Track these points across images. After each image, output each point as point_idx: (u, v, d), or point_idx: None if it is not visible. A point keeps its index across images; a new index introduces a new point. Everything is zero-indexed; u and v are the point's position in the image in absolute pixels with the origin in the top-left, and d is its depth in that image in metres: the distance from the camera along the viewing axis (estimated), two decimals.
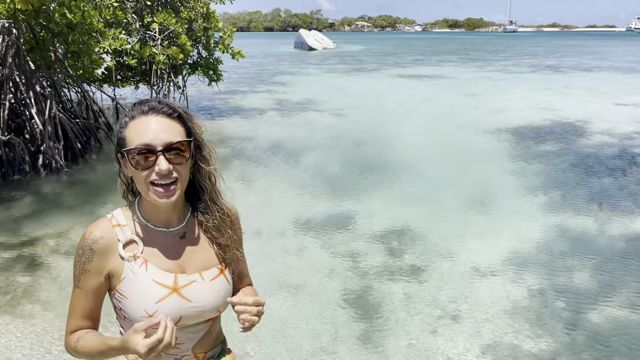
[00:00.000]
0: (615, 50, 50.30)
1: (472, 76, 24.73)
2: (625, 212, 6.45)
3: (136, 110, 1.43)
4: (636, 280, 4.73)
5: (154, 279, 1.45)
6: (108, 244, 1.45)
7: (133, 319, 1.44)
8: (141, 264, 1.45)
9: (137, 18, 11.42)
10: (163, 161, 1.37)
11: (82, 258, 1.45)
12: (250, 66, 29.60)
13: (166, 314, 1.40)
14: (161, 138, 1.38)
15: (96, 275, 1.46)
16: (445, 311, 4.25)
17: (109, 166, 8.83)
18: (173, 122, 1.43)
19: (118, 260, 1.45)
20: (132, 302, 1.44)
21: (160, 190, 1.40)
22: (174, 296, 1.44)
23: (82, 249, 1.45)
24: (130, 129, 1.41)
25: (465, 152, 9.80)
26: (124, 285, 1.45)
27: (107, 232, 1.46)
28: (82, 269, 1.46)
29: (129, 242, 1.47)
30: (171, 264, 1.49)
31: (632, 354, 3.67)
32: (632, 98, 16.26)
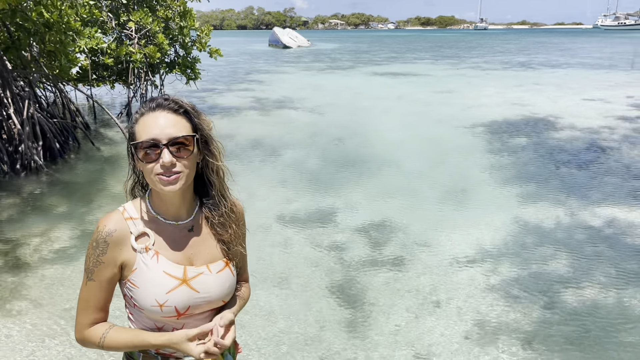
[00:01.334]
0: (582, 47, 51.56)
1: (446, 73, 25.13)
2: (594, 201, 6.75)
3: (145, 107, 1.51)
4: (605, 264, 4.98)
5: (165, 270, 1.52)
6: (121, 236, 1.51)
7: (143, 307, 1.52)
8: (152, 255, 1.53)
9: (113, 17, 11.34)
10: (167, 154, 1.45)
11: (97, 250, 1.51)
12: (225, 64, 29.49)
13: (176, 304, 1.51)
14: (166, 133, 1.46)
15: (110, 267, 1.52)
16: (427, 298, 4.43)
17: (88, 165, 8.80)
18: (179, 117, 1.50)
19: (130, 252, 1.52)
20: (144, 291, 1.51)
21: (165, 179, 1.46)
22: (183, 287, 1.53)
23: (97, 241, 1.51)
24: (140, 125, 1.49)
25: (442, 147, 10.04)
26: (136, 275, 1.52)
27: (120, 225, 1.52)
28: (96, 261, 1.52)
29: (140, 234, 1.54)
30: (180, 256, 1.57)
31: (603, 331, 3.91)
32: (599, 93, 16.79)
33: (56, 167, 8.46)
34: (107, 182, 7.81)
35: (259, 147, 9.99)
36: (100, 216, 6.18)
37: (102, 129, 11.73)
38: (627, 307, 4.23)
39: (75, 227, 6.00)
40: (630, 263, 5.01)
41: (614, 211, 6.37)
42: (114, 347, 1.55)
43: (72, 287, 4.63)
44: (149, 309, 1.51)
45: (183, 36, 12.29)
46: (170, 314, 1.52)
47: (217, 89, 19.12)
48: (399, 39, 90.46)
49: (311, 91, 18.52)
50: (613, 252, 5.26)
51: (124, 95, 14.43)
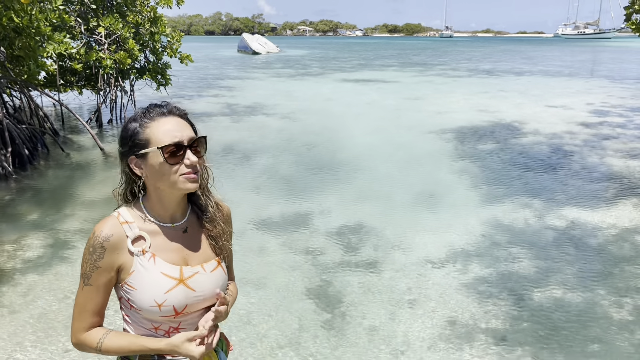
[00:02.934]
0: (544, 55, 53.14)
1: (414, 80, 25.58)
2: (559, 203, 7.02)
3: (153, 112, 1.58)
4: (571, 263, 5.21)
5: (162, 271, 1.58)
6: (118, 240, 1.56)
7: (141, 308, 1.57)
8: (149, 257, 1.58)
9: (82, 22, 11.21)
10: (191, 154, 1.55)
11: (93, 255, 1.55)
12: (194, 70, 29.31)
13: (174, 304, 1.57)
14: (185, 135, 1.56)
15: (107, 271, 1.56)
16: (402, 298, 4.56)
17: (58, 172, 8.67)
18: (186, 122, 1.61)
19: (127, 255, 1.57)
20: (142, 293, 1.56)
21: (193, 177, 1.56)
22: (180, 287, 1.59)
23: (93, 247, 1.55)
24: (154, 129, 1.55)
25: (412, 152, 10.26)
26: (133, 277, 1.57)
27: (116, 229, 1.57)
28: (93, 266, 1.55)
29: (137, 237, 1.58)
30: (176, 257, 1.63)
31: (570, 326, 4.10)
32: (561, 100, 17.39)
33: (25, 173, 8.31)
34: (77, 189, 7.71)
35: (231, 153, 10.01)
36: (72, 223, 6.15)
37: (71, 135, 11.55)
38: (592, 303, 4.45)
39: (46, 234, 5.92)
40: (593, 262, 5.26)
41: (577, 213, 6.65)
42: (112, 351, 1.59)
43: (46, 293, 4.59)
44: (147, 310, 1.56)
45: (154, 42, 12.22)
46: (168, 313, 1.58)
47: (188, 94, 19.02)
48: (367, 46, 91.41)
49: (282, 97, 18.60)
50: (578, 251, 5.51)
51: (92, 101, 14.23)
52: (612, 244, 5.72)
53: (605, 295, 4.58)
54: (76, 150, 10.15)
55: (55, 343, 3.88)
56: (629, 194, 7.38)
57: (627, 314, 4.26)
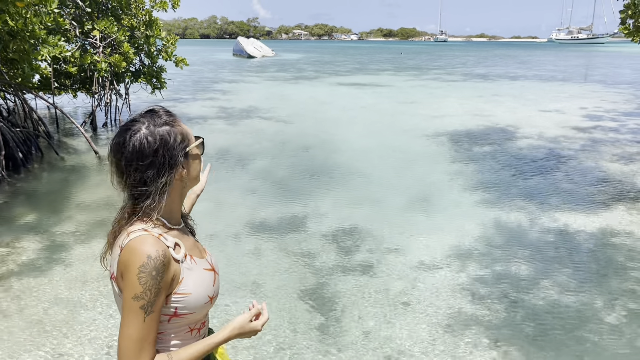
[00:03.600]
0: (538, 59, 53.45)
1: (409, 84, 25.67)
2: (552, 207, 7.06)
3: (166, 116, 1.61)
4: (564, 266, 5.24)
5: (203, 267, 1.62)
6: (168, 255, 1.49)
7: (195, 309, 1.55)
8: (190, 260, 1.59)
9: (77, 25, 11.20)
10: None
11: (157, 278, 1.44)
12: (189, 74, 29.28)
13: (217, 292, 1.66)
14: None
15: (165, 290, 1.49)
16: (397, 301, 4.57)
17: (52, 175, 8.65)
18: None
19: (176, 266, 1.52)
20: (197, 294, 1.55)
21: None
22: (216, 275, 1.67)
23: (156, 269, 1.44)
24: (182, 126, 1.63)
25: (406, 155, 10.29)
26: (185, 284, 1.53)
27: (162, 245, 1.49)
28: (157, 290, 1.45)
29: (174, 245, 1.54)
30: (198, 251, 1.67)
31: (563, 328, 4.13)
32: (555, 105, 17.49)
33: (19, 177, 8.28)
34: (71, 192, 7.69)
35: (226, 156, 10.01)
36: (67, 227, 6.13)
37: (66, 138, 11.52)
38: (584, 306, 4.48)
39: (40, 237, 5.90)
40: (586, 265, 5.29)
41: (570, 216, 6.69)
42: None
43: (40, 296, 4.57)
44: (200, 308, 1.57)
45: (149, 45, 12.22)
46: (214, 302, 1.65)
47: (183, 98, 19.01)
48: (362, 50, 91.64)
49: (277, 101, 18.63)
50: (570, 254, 5.54)
51: (87, 104, 14.19)
52: (604, 247, 5.76)
53: (597, 297, 4.61)
54: (70, 153, 10.13)
55: (48, 347, 3.87)
56: (621, 198, 7.43)
57: (619, 316, 4.29)
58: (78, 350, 3.84)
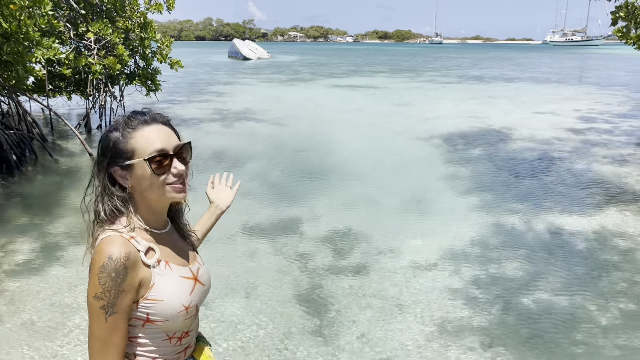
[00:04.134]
0: (533, 62, 53.65)
1: (404, 86, 25.72)
2: (546, 209, 7.09)
3: (136, 121, 1.52)
4: (559, 268, 5.27)
5: (180, 275, 1.57)
6: (135, 257, 1.47)
7: (168, 317, 1.52)
8: (164, 266, 1.54)
9: (71, 27, 11.17)
10: (178, 163, 1.52)
11: (117, 280, 1.43)
12: (185, 75, 29.26)
13: (197, 302, 1.58)
14: (171, 143, 1.53)
15: (130, 292, 1.47)
16: (391, 303, 4.58)
17: (47, 178, 8.62)
18: (169, 129, 1.57)
19: (146, 270, 1.50)
20: (169, 301, 1.51)
21: (180, 187, 1.53)
22: (197, 285, 1.61)
23: (116, 271, 1.43)
24: (137, 139, 1.50)
25: (402, 157, 10.31)
26: (155, 290, 1.50)
27: (129, 247, 1.47)
28: (117, 292, 1.44)
29: (147, 250, 1.52)
30: (181, 259, 1.62)
31: (557, 330, 4.14)
32: (549, 107, 17.56)
33: (13, 179, 8.25)
34: (66, 195, 7.67)
35: (221, 158, 10.01)
36: (61, 229, 6.11)
37: (60, 140, 11.49)
38: (578, 308, 4.50)
39: (34, 240, 5.88)
40: (579, 267, 5.31)
41: (564, 218, 6.72)
42: None
43: (33, 299, 4.56)
44: (174, 317, 1.52)
45: (143, 47, 12.20)
46: (192, 313, 1.57)
47: (178, 100, 18.99)
48: (357, 52, 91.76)
49: (273, 103, 18.63)
50: (564, 256, 5.56)
51: (81, 107, 14.16)
52: (597, 249, 5.79)
53: (590, 299, 4.63)
54: (65, 156, 10.10)
55: (42, 349, 3.85)
56: (615, 200, 7.47)
57: (612, 318, 4.31)
58: (72, 352, 3.83)
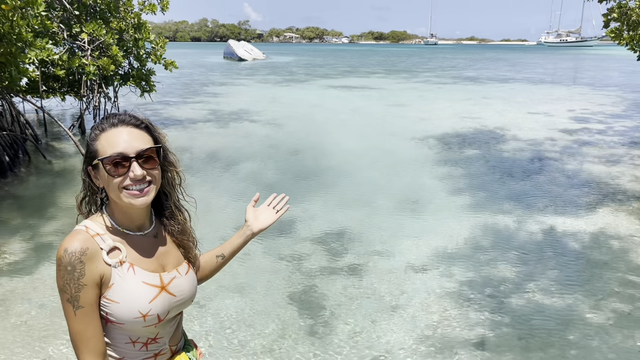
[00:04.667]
0: (527, 62, 53.82)
1: (399, 87, 25.76)
2: (540, 209, 7.12)
3: (106, 123, 1.53)
4: (551, 268, 5.28)
5: (144, 280, 1.53)
6: (94, 253, 1.47)
7: (124, 321, 1.50)
8: (128, 268, 1.52)
9: (65, 28, 11.13)
10: (137, 167, 1.48)
11: (74, 274, 1.44)
12: (180, 76, 29.21)
13: (158, 312, 1.54)
14: (134, 146, 1.50)
15: (92, 287, 1.47)
16: (384, 304, 4.58)
17: (40, 179, 8.59)
18: (141, 132, 1.55)
19: (106, 268, 1.49)
20: (125, 305, 1.49)
21: (137, 193, 1.50)
22: (163, 294, 1.56)
23: (71, 264, 1.44)
24: (103, 141, 1.50)
25: (396, 158, 10.32)
26: (113, 291, 1.50)
27: (90, 242, 1.48)
28: (77, 286, 1.45)
29: (111, 249, 1.52)
30: (153, 264, 1.59)
31: (548, 331, 4.16)
32: (543, 107, 17.63)
33: (6, 180, 8.21)
34: (59, 196, 7.65)
35: (216, 159, 10.00)
36: (54, 230, 6.09)
37: (53, 141, 11.45)
38: (570, 308, 4.51)
39: (28, 241, 5.86)
40: (572, 267, 5.33)
41: (557, 218, 6.74)
42: None
43: (25, 300, 4.54)
44: (130, 322, 1.51)
45: (137, 48, 12.17)
46: (152, 322, 1.54)
47: (172, 101, 18.95)
48: (353, 52, 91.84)
49: (268, 104, 18.62)
50: (557, 256, 5.58)
51: (75, 108, 14.12)
52: (590, 249, 5.81)
53: (583, 299, 4.65)
54: (58, 157, 10.06)
55: (35, 349, 3.84)
56: (607, 200, 7.51)
57: (605, 318, 4.33)
58: (64, 352, 3.81)
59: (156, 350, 1.63)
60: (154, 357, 1.63)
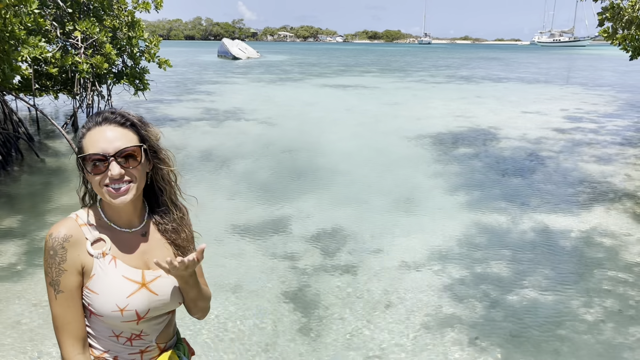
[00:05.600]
0: (521, 62, 54.03)
1: (393, 86, 25.80)
2: (533, 207, 7.16)
3: (92, 121, 1.55)
4: (543, 266, 5.32)
5: (124, 275, 1.55)
6: (77, 241, 1.51)
7: (103, 313, 1.52)
8: (110, 260, 1.54)
9: (58, 26, 11.08)
10: (115, 166, 1.49)
11: (56, 258, 1.49)
12: (173, 75, 29.12)
13: (136, 308, 1.54)
14: (114, 145, 1.50)
15: (74, 274, 1.51)
16: (378, 302, 4.60)
17: (33, 178, 8.55)
18: (126, 130, 1.55)
19: (88, 257, 1.52)
20: (103, 297, 1.52)
21: (113, 192, 1.51)
22: (143, 290, 1.56)
23: (53, 249, 1.49)
24: (87, 139, 1.52)
25: (390, 157, 10.35)
26: (94, 282, 1.52)
27: (75, 230, 1.53)
28: (58, 270, 1.49)
29: (96, 240, 1.55)
30: (137, 261, 1.60)
31: (541, 328, 4.19)
32: (536, 106, 17.71)
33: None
34: (53, 194, 7.61)
35: (210, 158, 9.98)
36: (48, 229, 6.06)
37: (46, 140, 11.39)
38: (563, 305, 4.55)
39: (21, 240, 5.83)
40: (565, 265, 5.37)
41: (550, 217, 6.78)
42: None
43: (19, 300, 4.52)
44: (109, 315, 1.52)
45: (131, 46, 12.13)
46: (130, 318, 1.55)
47: (166, 99, 18.89)
48: (347, 52, 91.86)
49: (262, 102, 18.61)
50: (550, 254, 5.62)
51: (68, 106, 14.06)
52: (583, 247, 5.85)
53: (575, 297, 4.68)
54: (51, 155, 10.02)
55: (28, 349, 3.83)
56: (600, 199, 7.56)
57: (596, 315, 4.37)
58: (57, 352, 3.80)
59: (142, 346, 1.64)
60: (140, 353, 1.64)
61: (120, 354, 1.61)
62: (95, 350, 1.59)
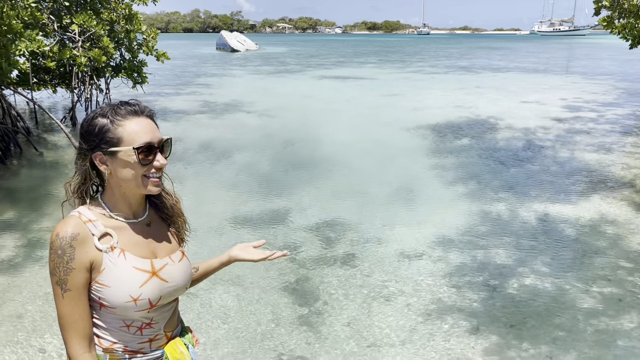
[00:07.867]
0: (520, 52, 53.83)
1: (392, 77, 25.73)
2: (533, 197, 7.16)
3: (125, 110, 1.55)
4: (543, 254, 5.33)
5: (134, 265, 1.58)
6: (85, 238, 1.52)
7: (116, 305, 1.55)
8: (119, 253, 1.56)
9: (55, 19, 11.03)
10: (161, 157, 1.58)
11: (64, 257, 1.49)
12: (172, 68, 29.04)
13: (149, 296, 1.57)
14: (157, 136, 1.57)
15: (82, 272, 1.52)
16: (378, 292, 4.62)
17: (32, 171, 8.55)
18: (154, 123, 1.61)
19: (96, 253, 1.54)
20: (116, 289, 1.54)
21: (157, 181, 1.59)
22: (154, 279, 1.59)
23: (61, 248, 1.49)
24: (127, 128, 1.53)
25: (390, 147, 10.34)
26: (105, 275, 1.54)
27: (81, 228, 1.53)
28: (66, 269, 1.50)
29: (103, 235, 1.56)
30: (145, 251, 1.63)
31: (540, 316, 4.21)
32: (535, 96, 17.67)
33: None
34: (52, 188, 7.62)
35: (209, 150, 9.98)
36: (47, 223, 6.07)
37: (45, 134, 11.38)
38: (561, 293, 4.56)
39: (19, 234, 5.84)
40: (563, 253, 5.38)
41: (549, 205, 6.79)
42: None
43: (19, 294, 4.54)
44: (122, 306, 1.55)
45: (129, 39, 12.08)
46: (144, 307, 1.57)
47: (165, 92, 18.85)
48: (346, 43, 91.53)
49: (261, 94, 18.57)
50: (548, 244, 5.63)
51: (67, 99, 14.03)
52: (582, 235, 5.86)
53: (573, 284, 4.70)
54: (50, 149, 10.01)
55: (29, 342, 3.85)
56: (599, 188, 7.56)
57: (594, 303, 4.38)
58: (57, 344, 3.82)
59: (151, 335, 1.66)
60: (149, 342, 1.66)
61: (129, 344, 1.63)
62: (104, 342, 1.61)
